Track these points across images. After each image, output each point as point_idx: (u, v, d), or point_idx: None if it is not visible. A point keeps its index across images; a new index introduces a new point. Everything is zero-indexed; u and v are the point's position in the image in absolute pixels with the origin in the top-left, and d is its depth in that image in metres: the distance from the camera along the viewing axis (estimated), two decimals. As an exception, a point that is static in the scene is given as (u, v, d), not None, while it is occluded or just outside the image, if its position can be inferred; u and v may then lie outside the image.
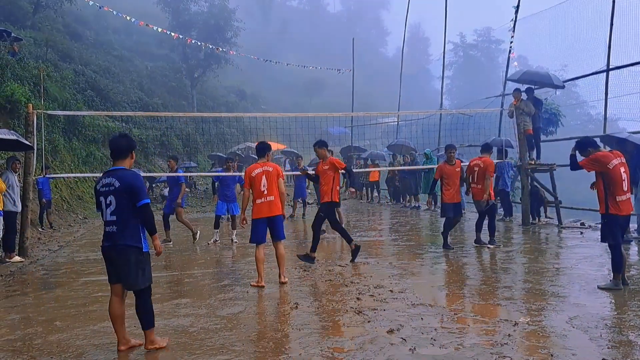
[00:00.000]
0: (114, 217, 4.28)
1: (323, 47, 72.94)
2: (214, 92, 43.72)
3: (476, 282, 6.61)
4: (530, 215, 12.10)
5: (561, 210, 12.29)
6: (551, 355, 4.04)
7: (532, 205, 12.24)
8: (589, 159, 6.18)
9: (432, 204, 12.82)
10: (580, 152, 6.44)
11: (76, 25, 35.92)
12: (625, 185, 6.01)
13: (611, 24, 11.29)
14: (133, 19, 25.02)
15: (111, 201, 4.28)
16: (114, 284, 4.43)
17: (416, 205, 17.39)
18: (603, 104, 11.35)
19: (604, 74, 11.37)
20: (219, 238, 10.82)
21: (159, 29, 27.36)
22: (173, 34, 29.59)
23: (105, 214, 4.32)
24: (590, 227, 11.16)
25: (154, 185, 22.47)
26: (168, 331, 4.89)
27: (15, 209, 9.18)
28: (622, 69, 11.15)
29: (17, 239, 9.43)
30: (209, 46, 32.75)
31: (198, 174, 24.05)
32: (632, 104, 11.35)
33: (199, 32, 36.21)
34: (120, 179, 4.28)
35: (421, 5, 34.43)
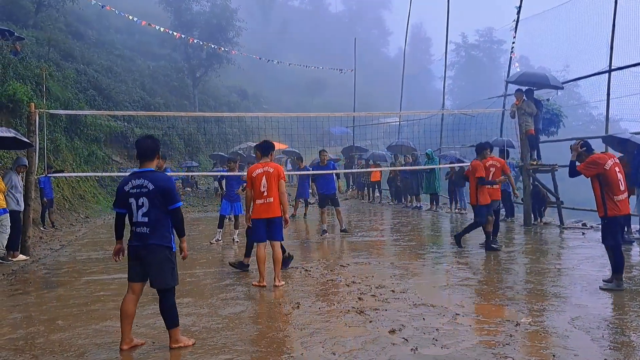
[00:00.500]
0: (145, 219, 4.31)
1: (324, 47, 72.97)
2: (215, 91, 43.77)
3: (478, 283, 6.61)
4: (532, 216, 12.09)
5: (563, 211, 12.28)
6: (553, 355, 4.04)
7: (534, 206, 12.23)
8: (586, 162, 6.18)
9: (435, 204, 12.74)
10: (577, 158, 6.45)
11: (78, 25, 35.97)
12: (622, 185, 6.05)
13: (613, 24, 11.28)
14: (135, 19, 25.05)
15: (143, 203, 4.31)
16: (135, 283, 4.44)
17: (418, 206, 17.39)
18: (605, 104, 11.34)
19: (606, 74, 11.36)
20: (221, 237, 10.83)
21: (161, 29, 27.38)
22: (175, 33, 29.62)
23: (136, 215, 4.34)
24: (592, 227, 11.15)
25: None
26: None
27: (18, 208, 9.22)
28: (624, 69, 11.14)
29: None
30: (211, 46, 32.78)
31: (200, 173, 24.08)
32: (634, 104, 11.34)
33: (201, 31, 36.25)
34: (154, 182, 4.31)
35: (423, 5, 34.41)
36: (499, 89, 16.64)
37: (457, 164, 15.40)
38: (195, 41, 32.03)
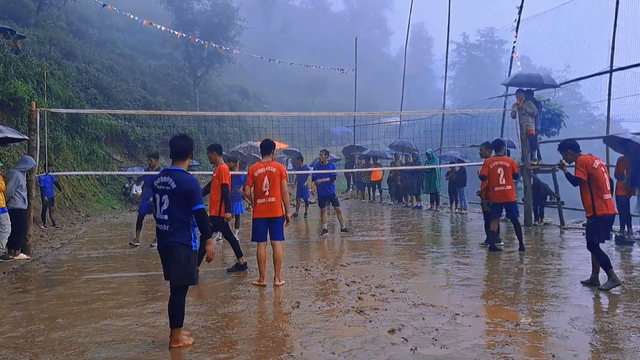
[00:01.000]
0: (165, 216, 4.38)
1: (325, 47, 72.90)
2: (216, 91, 43.76)
3: (478, 283, 6.61)
4: (532, 216, 12.08)
5: (563, 211, 12.28)
6: (552, 356, 4.04)
7: (535, 205, 12.22)
8: (577, 167, 6.20)
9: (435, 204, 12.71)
10: (561, 152, 6.50)
11: (79, 23, 35.99)
12: (608, 185, 6.18)
13: (615, 24, 11.26)
14: (136, 18, 25.05)
15: (164, 200, 4.38)
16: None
17: (418, 205, 17.39)
18: (606, 104, 11.33)
19: (607, 74, 11.35)
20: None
21: (163, 28, 27.38)
22: (176, 32, 29.62)
23: (158, 211, 4.43)
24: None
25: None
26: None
27: (24, 206, 9.25)
28: (625, 70, 11.13)
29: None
30: (212, 45, 32.76)
31: (200, 172, 24.07)
32: (635, 105, 11.33)
33: (202, 30, 36.23)
34: (178, 182, 4.36)
35: (424, 5, 34.40)
36: (500, 89, 16.63)
37: (458, 164, 15.41)
38: (197, 40, 32.02)
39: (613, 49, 11.27)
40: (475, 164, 13.08)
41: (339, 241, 10.67)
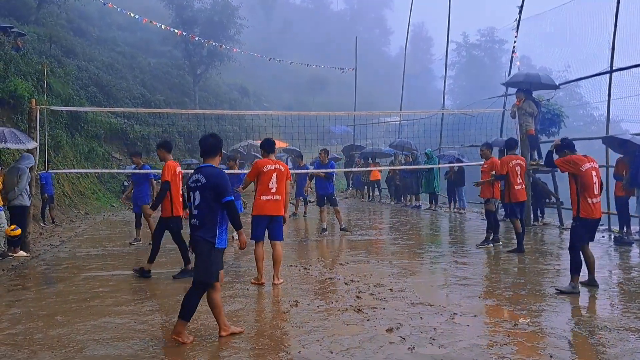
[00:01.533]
0: (196, 212, 4.54)
1: (326, 46, 72.92)
2: (216, 89, 43.74)
3: (476, 282, 6.62)
4: (533, 216, 12.10)
5: (563, 212, 12.28)
6: (550, 356, 4.04)
7: (535, 205, 12.22)
8: (563, 159, 6.29)
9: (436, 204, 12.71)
10: (557, 152, 6.53)
11: (80, 21, 35.98)
12: (596, 189, 6.11)
13: (615, 25, 11.26)
14: (137, 16, 25.04)
15: (196, 196, 4.53)
16: None
17: (417, 205, 17.40)
18: (606, 105, 11.33)
19: (607, 75, 11.35)
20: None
21: (163, 26, 27.37)
22: (176, 30, 29.60)
23: (192, 207, 4.58)
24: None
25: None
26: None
27: (29, 203, 9.27)
28: (625, 70, 11.13)
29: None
30: (212, 43, 32.74)
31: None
32: (635, 105, 11.33)
33: (202, 29, 36.20)
34: (207, 177, 4.52)
35: (424, 4, 34.39)
36: (499, 89, 16.61)
37: (457, 164, 15.41)
38: (197, 38, 32.00)
39: (613, 49, 11.27)
40: (474, 164, 13.08)
41: (338, 240, 10.68)
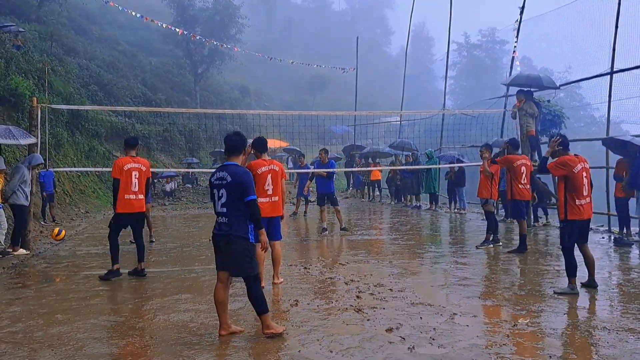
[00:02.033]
0: (224, 209, 4.58)
1: (327, 45, 72.90)
2: (217, 88, 43.77)
3: (476, 283, 6.62)
4: (533, 217, 12.09)
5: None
6: (550, 356, 4.05)
7: (535, 206, 12.22)
8: (556, 162, 6.16)
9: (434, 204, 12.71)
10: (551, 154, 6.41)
11: (81, 20, 36.01)
12: (586, 190, 6.05)
13: (616, 26, 11.25)
14: (138, 14, 25.05)
15: (222, 194, 4.59)
16: (220, 271, 4.66)
17: (417, 205, 17.40)
18: (607, 106, 11.33)
19: (608, 76, 11.35)
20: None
21: (164, 25, 27.40)
22: (178, 29, 29.61)
23: (217, 205, 4.63)
24: (591, 229, 11.14)
25: (155, 181, 22.52)
26: (168, 326, 4.92)
27: (26, 203, 9.26)
28: (626, 71, 11.13)
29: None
30: (213, 42, 32.75)
31: (200, 170, 24.10)
32: (635, 107, 11.33)
33: (203, 28, 36.26)
34: (232, 175, 4.57)
35: (426, 4, 34.39)
36: (500, 89, 16.61)
37: (457, 164, 15.41)
38: (198, 37, 32.02)
39: (614, 50, 11.26)
40: (475, 164, 13.08)
41: (338, 240, 10.69)
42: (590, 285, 6.15)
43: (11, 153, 12.93)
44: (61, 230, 9.36)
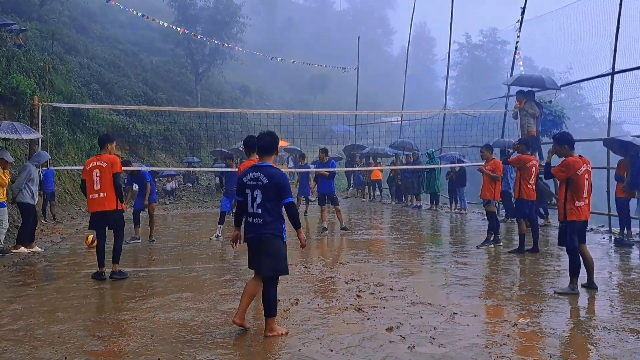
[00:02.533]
0: (258, 210, 4.57)
1: (328, 45, 72.90)
2: (218, 87, 43.78)
3: (476, 282, 6.63)
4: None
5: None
6: (550, 356, 4.05)
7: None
8: (560, 165, 6.13)
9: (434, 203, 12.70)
10: (557, 145, 6.32)
11: (82, 19, 36.03)
12: (586, 192, 6.05)
13: (617, 27, 11.25)
14: (139, 13, 25.06)
15: (257, 195, 4.56)
16: (254, 269, 4.75)
17: (418, 205, 17.40)
18: (608, 107, 11.33)
19: (609, 77, 11.35)
20: (221, 234, 10.86)
21: (165, 24, 27.39)
22: (179, 29, 29.61)
23: (251, 206, 4.60)
24: (592, 229, 11.15)
25: (156, 180, 22.54)
26: (169, 324, 4.93)
27: (33, 201, 9.27)
28: (627, 72, 11.12)
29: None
30: (214, 42, 32.75)
31: (201, 169, 24.12)
32: (636, 107, 11.32)
33: (204, 27, 36.26)
34: (269, 176, 4.55)
35: (427, 4, 34.39)
36: (501, 89, 16.60)
37: (458, 164, 15.41)
38: (199, 37, 32.02)
39: (615, 51, 11.25)
40: (476, 164, 13.08)
41: (339, 239, 10.69)
42: (590, 286, 6.14)
43: (12, 151, 12.93)
44: (94, 240, 9.44)
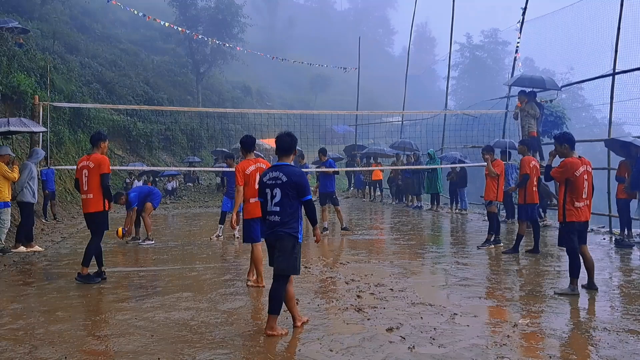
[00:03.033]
0: (277, 208, 4.64)
1: (329, 45, 72.82)
2: (219, 87, 43.74)
3: (477, 283, 6.62)
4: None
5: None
6: (550, 357, 4.05)
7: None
8: (558, 166, 6.14)
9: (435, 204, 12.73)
10: (558, 144, 6.31)
11: (83, 18, 36.03)
12: (585, 193, 6.04)
13: (618, 27, 11.24)
14: (140, 13, 25.06)
15: (276, 193, 4.63)
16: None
17: (418, 205, 17.39)
18: (608, 107, 11.32)
19: (610, 77, 11.34)
20: (221, 233, 10.87)
21: (166, 24, 27.37)
22: (180, 28, 29.61)
23: (270, 204, 4.67)
24: (592, 230, 11.15)
25: (157, 179, 22.56)
26: (169, 324, 4.92)
27: (33, 200, 9.27)
28: (628, 73, 11.12)
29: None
30: (216, 42, 32.74)
31: (201, 168, 24.13)
32: (637, 108, 11.33)
33: (205, 27, 36.21)
34: (288, 175, 4.62)
35: (428, 4, 34.38)
36: (502, 90, 16.62)
37: (459, 165, 15.40)
38: (200, 37, 32.01)
39: (616, 51, 11.25)
40: (476, 164, 13.09)
41: (339, 239, 10.69)
42: (590, 287, 6.13)
43: (12, 150, 12.93)
44: (124, 231, 9.60)
